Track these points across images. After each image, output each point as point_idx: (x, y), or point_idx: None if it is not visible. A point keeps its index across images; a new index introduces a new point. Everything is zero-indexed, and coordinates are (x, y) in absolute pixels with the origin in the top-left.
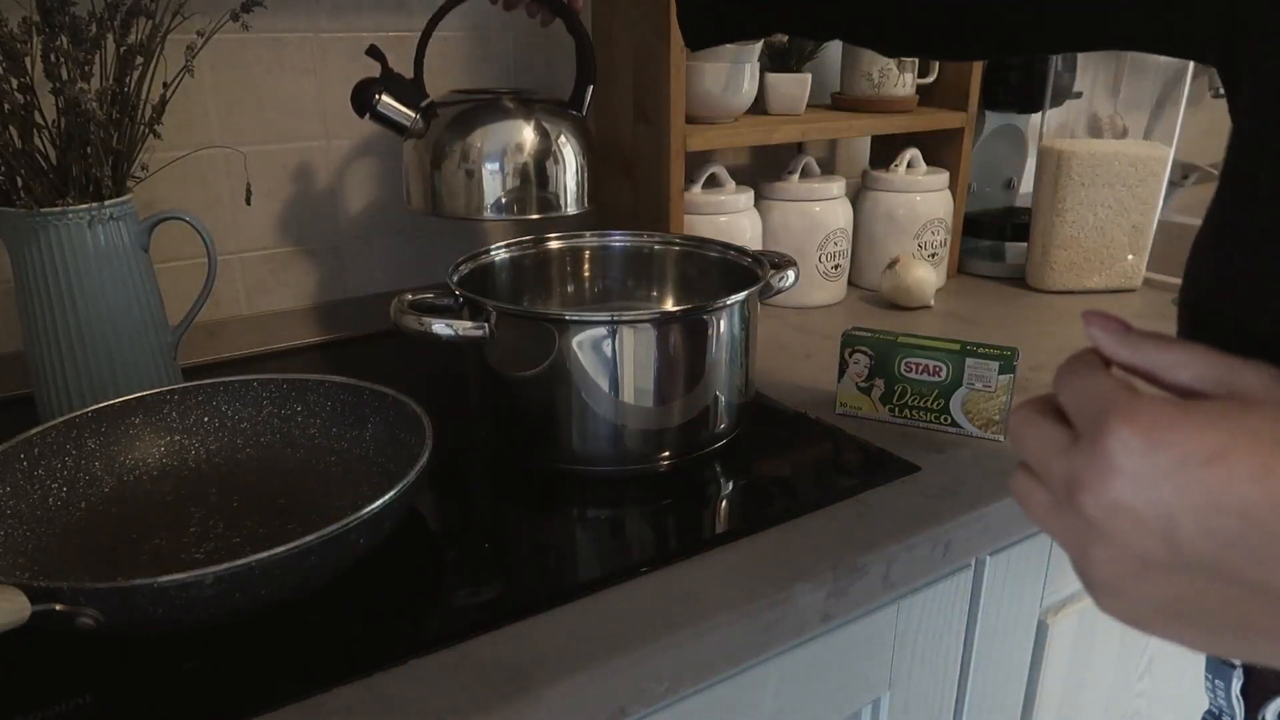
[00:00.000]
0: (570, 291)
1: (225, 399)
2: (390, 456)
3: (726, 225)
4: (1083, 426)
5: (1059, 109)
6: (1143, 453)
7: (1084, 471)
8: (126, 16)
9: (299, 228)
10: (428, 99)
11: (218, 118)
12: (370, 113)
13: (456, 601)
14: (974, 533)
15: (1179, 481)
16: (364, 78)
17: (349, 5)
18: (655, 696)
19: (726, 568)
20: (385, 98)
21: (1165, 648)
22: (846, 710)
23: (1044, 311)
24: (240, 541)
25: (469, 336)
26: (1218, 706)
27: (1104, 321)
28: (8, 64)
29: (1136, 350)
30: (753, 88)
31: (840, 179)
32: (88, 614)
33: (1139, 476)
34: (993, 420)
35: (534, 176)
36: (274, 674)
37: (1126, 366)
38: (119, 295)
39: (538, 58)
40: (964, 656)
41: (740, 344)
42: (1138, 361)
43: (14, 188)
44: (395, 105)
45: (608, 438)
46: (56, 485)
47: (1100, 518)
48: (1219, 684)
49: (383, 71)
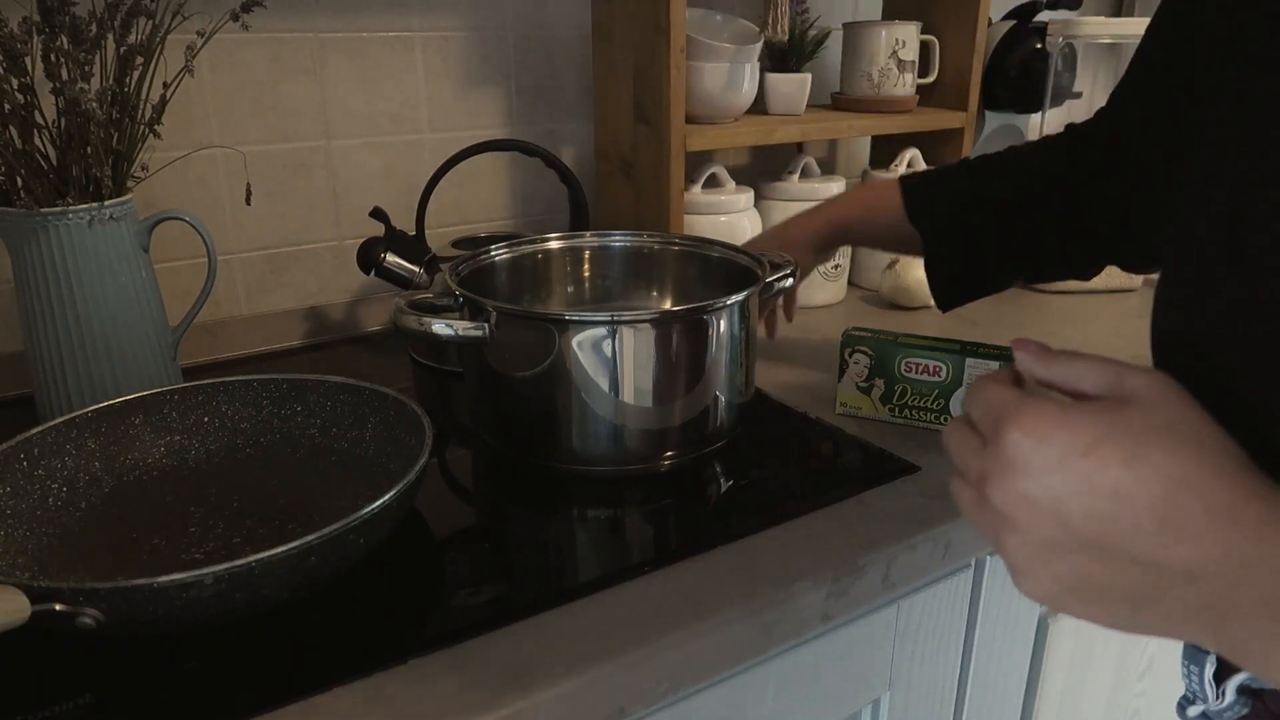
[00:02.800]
0: (570, 291)
1: (225, 399)
2: (390, 456)
3: (726, 225)
4: (986, 432)
5: (1059, 109)
6: (1032, 448)
7: (989, 468)
8: (126, 16)
9: (299, 228)
10: (430, 254)
11: (218, 118)
12: (376, 270)
13: (456, 601)
14: (974, 533)
15: (1063, 470)
16: (369, 237)
17: (349, 5)
18: (655, 696)
19: (726, 568)
20: (390, 256)
21: (1165, 647)
22: (846, 710)
23: (1044, 311)
24: (240, 541)
25: (469, 336)
26: (1192, 692)
27: (1026, 346)
28: (8, 64)
29: (1049, 366)
30: (753, 88)
31: (840, 179)
32: (88, 614)
33: (1030, 469)
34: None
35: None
36: (274, 674)
37: (1043, 381)
38: (119, 295)
39: (538, 57)
40: (964, 656)
41: (740, 344)
42: (1051, 376)
43: (14, 188)
44: (400, 262)
45: (608, 438)
46: (56, 485)
47: (1005, 507)
48: (1194, 669)
49: (386, 230)
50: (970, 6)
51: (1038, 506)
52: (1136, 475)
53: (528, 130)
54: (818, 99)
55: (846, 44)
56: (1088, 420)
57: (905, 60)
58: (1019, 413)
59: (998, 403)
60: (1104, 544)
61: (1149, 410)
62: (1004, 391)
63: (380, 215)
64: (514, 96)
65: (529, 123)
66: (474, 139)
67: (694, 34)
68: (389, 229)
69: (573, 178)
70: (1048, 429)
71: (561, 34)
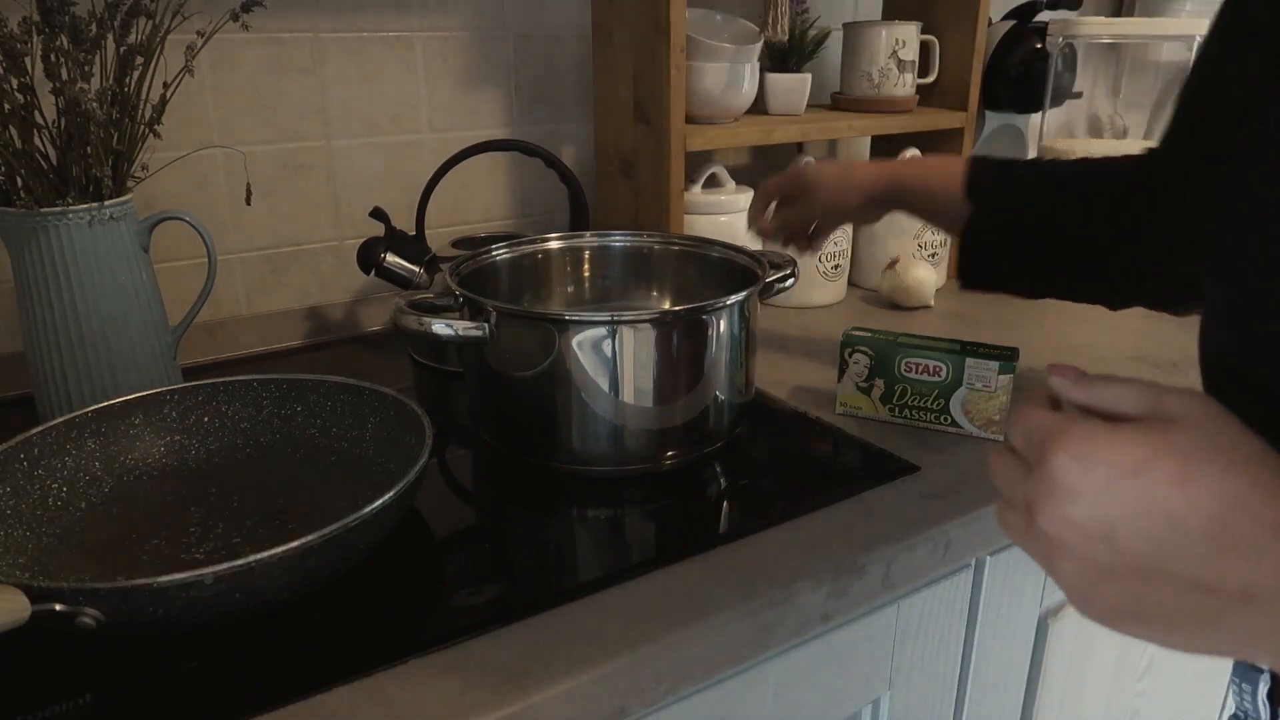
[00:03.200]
0: (570, 291)
1: (225, 399)
2: (390, 456)
3: (726, 225)
4: (1031, 457)
5: (1059, 109)
6: (1079, 471)
7: (1035, 494)
8: (126, 16)
9: (299, 228)
10: (430, 254)
11: (218, 118)
12: (376, 270)
13: (456, 601)
14: (974, 533)
15: (1111, 493)
16: (369, 237)
17: (349, 5)
18: (655, 696)
19: (726, 568)
20: (390, 256)
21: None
22: (846, 710)
23: (1044, 311)
24: (240, 541)
25: (469, 336)
26: (1243, 710)
27: (1063, 370)
28: (8, 64)
29: (1087, 391)
30: (753, 88)
31: None
32: (88, 614)
33: (1077, 492)
34: (993, 420)
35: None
36: (274, 674)
37: (1082, 405)
38: (119, 295)
39: (538, 57)
40: (964, 656)
41: (740, 344)
42: (1090, 400)
43: (14, 188)
44: (400, 262)
45: (608, 438)
46: (56, 485)
47: (1055, 532)
48: (1245, 688)
49: (386, 230)
50: (970, 6)
51: (1088, 530)
52: (1187, 495)
53: (528, 130)
54: (818, 99)
55: (846, 44)
56: (1135, 441)
57: (905, 60)
58: (1064, 436)
59: (1041, 427)
60: (1157, 566)
61: (1195, 430)
62: (1046, 416)
63: (380, 215)
64: (514, 96)
65: (529, 123)
66: (474, 139)
67: (694, 34)
68: (389, 229)
69: (573, 178)
70: (1095, 451)
71: (561, 34)
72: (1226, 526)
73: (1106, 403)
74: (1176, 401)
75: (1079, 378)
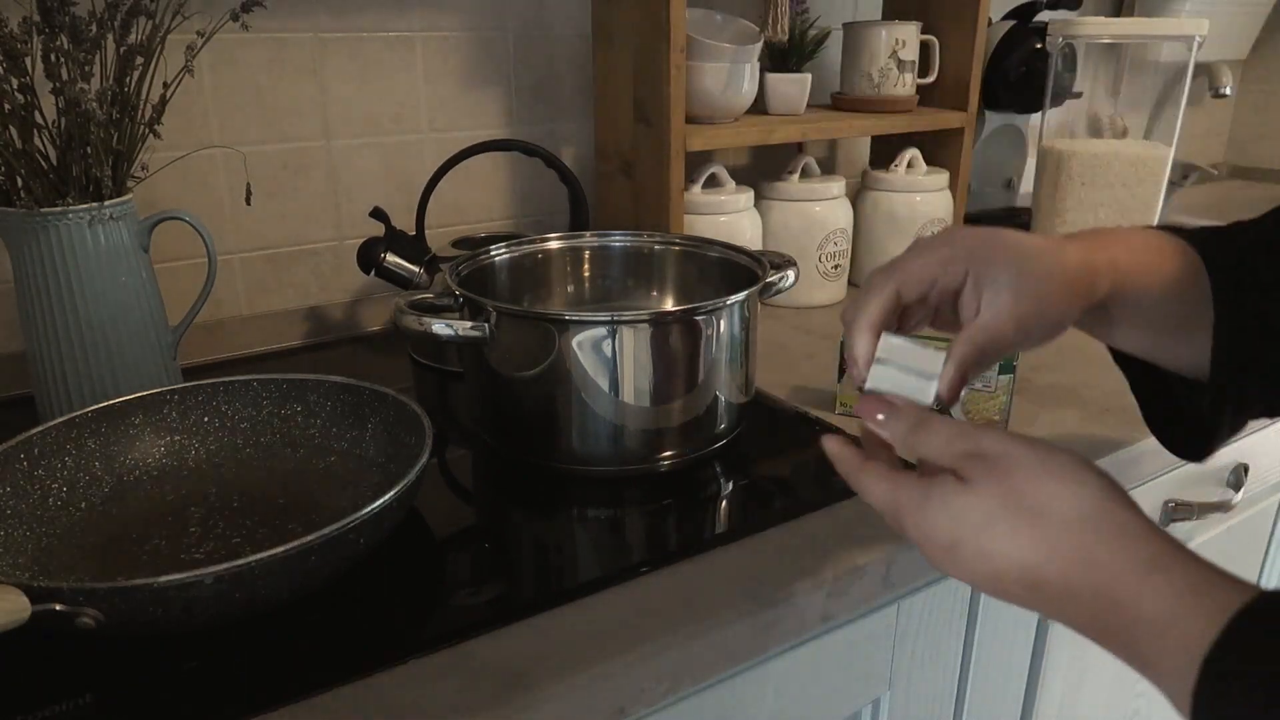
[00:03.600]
0: (570, 291)
1: (225, 399)
2: (390, 456)
3: (726, 225)
4: (893, 526)
5: (1059, 109)
6: (923, 544)
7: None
8: (126, 16)
9: (299, 228)
10: (430, 254)
11: (218, 118)
12: (376, 270)
13: (456, 601)
14: None
15: (953, 561)
16: (369, 237)
17: (349, 5)
18: (655, 696)
19: (726, 568)
20: (390, 256)
21: None
22: (846, 710)
23: None
24: (240, 541)
25: (469, 336)
26: None
27: (874, 422)
28: (8, 64)
29: (911, 444)
30: (753, 88)
31: (840, 179)
32: (88, 614)
33: (937, 561)
34: (992, 420)
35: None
36: (274, 674)
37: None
38: (119, 295)
39: (538, 57)
40: (964, 656)
41: (740, 344)
42: (915, 454)
43: (14, 188)
44: (400, 262)
45: (608, 438)
46: (56, 485)
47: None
48: None
49: (386, 230)
50: (970, 6)
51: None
52: (991, 569)
53: (528, 130)
54: (818, 99)
55: (846, 44)
56: (945, 518)
57: (905, 60)
58: (900, 521)
59: (888, 501)
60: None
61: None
62: (885, 492)
63: (380, 215)
64: (514, 96)
65: (529, 123)
66: (474, 139)
67: (694, 34)
68: (389, 229)
69: (573, 178)
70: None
71: (561, 34)
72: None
73: (928, 454)
74: (992, 440)
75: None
